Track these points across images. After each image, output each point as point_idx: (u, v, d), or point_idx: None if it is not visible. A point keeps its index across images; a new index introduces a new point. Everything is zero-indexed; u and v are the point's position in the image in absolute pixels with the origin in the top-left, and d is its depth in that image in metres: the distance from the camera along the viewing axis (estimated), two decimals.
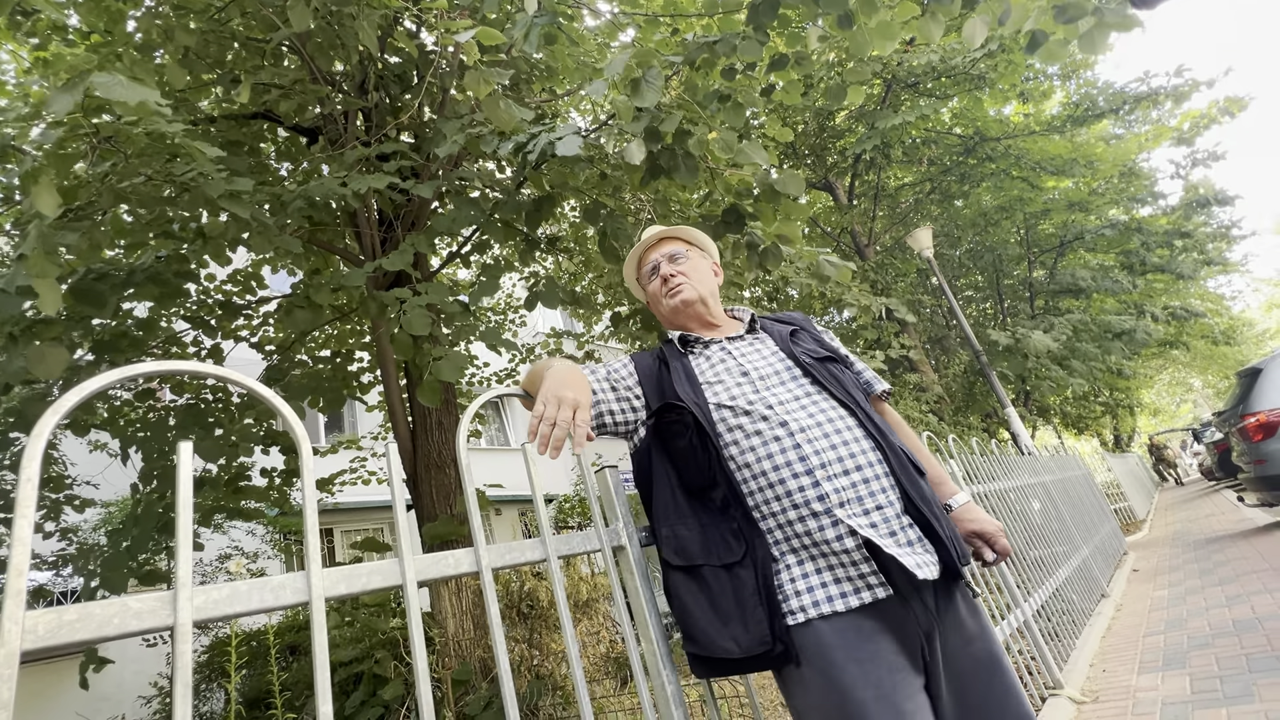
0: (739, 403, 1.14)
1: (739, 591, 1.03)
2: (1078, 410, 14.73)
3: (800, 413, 1.12)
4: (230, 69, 3.35)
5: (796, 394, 1.16)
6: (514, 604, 3.64)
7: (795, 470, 1.06)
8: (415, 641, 0.83)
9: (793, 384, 1.18)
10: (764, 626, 0.99)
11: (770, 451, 1.08)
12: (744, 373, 1.19)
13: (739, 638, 1.00)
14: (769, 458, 1.08)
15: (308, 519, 0.81)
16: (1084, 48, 2.24)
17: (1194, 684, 2.49)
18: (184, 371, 0.79)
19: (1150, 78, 9.57)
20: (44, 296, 1.82)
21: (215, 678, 5.21)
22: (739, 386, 1.17)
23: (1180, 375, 27.01)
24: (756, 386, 1.17)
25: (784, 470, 1.06)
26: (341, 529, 9.94)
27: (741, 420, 1.12)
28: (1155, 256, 11.09)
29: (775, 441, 1.09)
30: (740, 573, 1.04)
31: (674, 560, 1.09)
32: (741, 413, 1.13)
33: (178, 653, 0.66)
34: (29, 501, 0.63)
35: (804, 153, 10.12)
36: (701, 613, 1.04)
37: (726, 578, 1.04)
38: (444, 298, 2.79)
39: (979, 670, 1.04)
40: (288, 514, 4.60)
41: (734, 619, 1.01)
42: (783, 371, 1.20)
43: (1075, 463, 6.37)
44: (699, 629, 1.03)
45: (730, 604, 1.02)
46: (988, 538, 1.21)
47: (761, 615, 1.00)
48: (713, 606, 1.03)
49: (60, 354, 2.21)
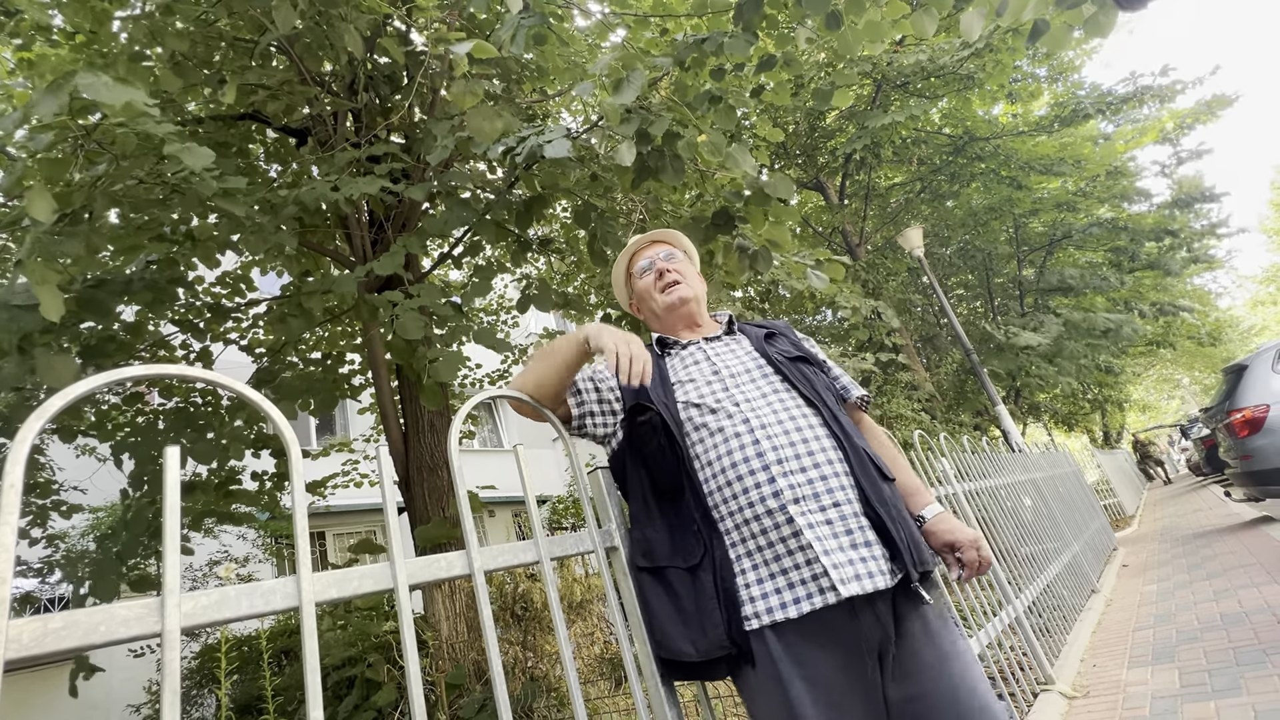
0: (707, 400, 1.15)
1: (699, 595, 1.02)
2: (1067, 407, 14.85)
3: (765, 409, 1.12)
4: (218, 69, 3.32)
5: (764, 390, 1.16)
6: (508, 606, 3.63)
7: (753, 466, 1.06)
8: (407, 645, 0.83)
9: (762, 382, 1.18)
10: (720, 631, 0.99)
11: (730, 448, 1.08)
12: (715, 371, 1.20)
13: (697, 641, 1.00)
14: (729, 454, 1.08)
15: (298, 523, 0.80)
16: (1090, 31, 2.23)
17: (1183, 678, 2.52)
18: (172, 375, 0.78)
19: (1137, 78, 9.68)
20: (46, 304, 1.80)
21: (206, 684, 5.16)
22: (708, 385, 1.18)
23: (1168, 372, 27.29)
24: (726, 384, 1.17)
25: (741, 466, 1.06)
26: (334, 532, 9.88)
27: (707, 418, 1.13)
28: (1145, 251, 11.19)
29: (736, 438, 1.09)
30: (701, 575, 1.04)
31: (640, 561, 1.09)
32: (708, 410, 1.14)
33: (166, 660, 0.65)
34: (12, 508, 0.62)
35: (795, 152, 10.15)
36: (665, 614, 1.04)
37: (689, 580, 1.04)
38: (436, 300, 2.78)
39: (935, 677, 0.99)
40: (278, 518, 4.57)
41: (693, 622, 1.01)
42: (754, 370, 1.21)
43: (1065, 459, 6.43)
44: (661, 630, 1.04)
45: (691, 606, 1.02)
46: (960, 548, 1.14)
47: (719, 619, 1.00)
48: (676, 608, 1.04)
49: (69, 362, 2.21)
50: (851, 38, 2.46)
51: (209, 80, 3.37)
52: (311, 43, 3.09)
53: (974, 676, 1.00)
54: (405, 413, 3.73)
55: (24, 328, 2.08)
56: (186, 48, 2.96)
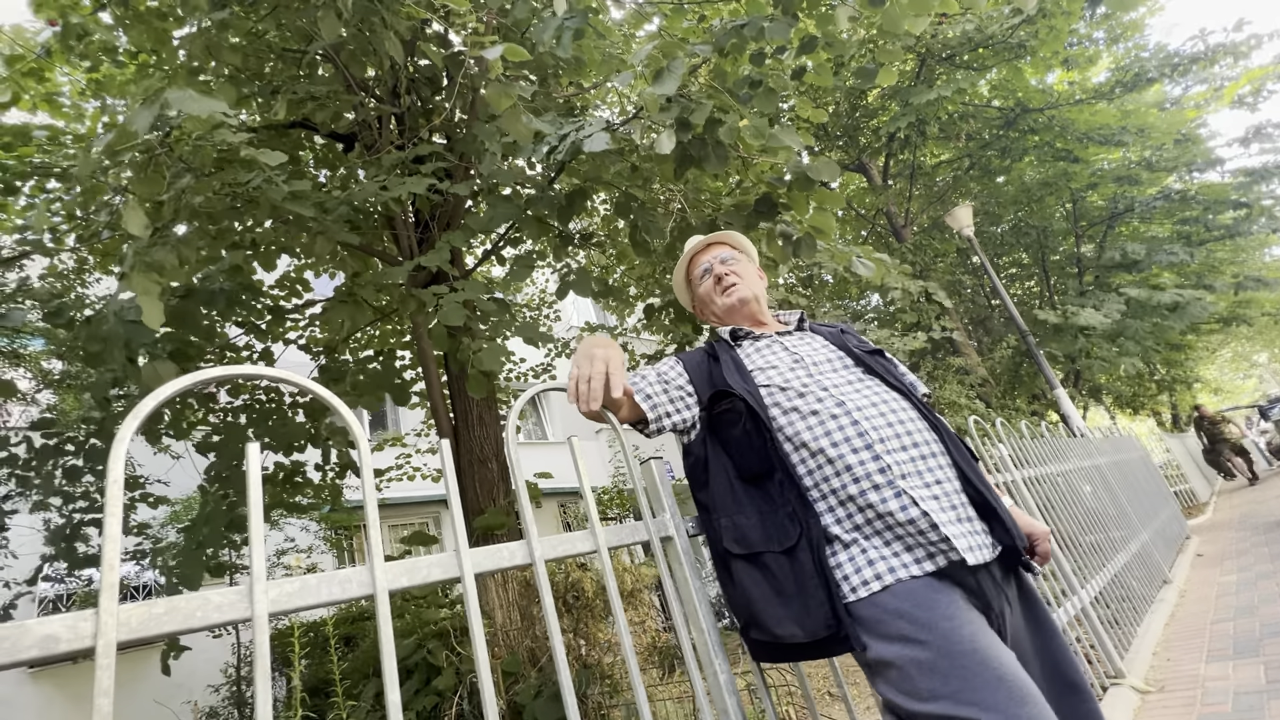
0: (794, 385, 1.16)
1: (799, 575, 1.02)
2: (1131, 389, 14.08)
3: (856, 394, 1.14)
4: (269, 80, 3.45)
5: (850, 379, 1.18)
6: (560, 594, 3.70)
7: (855, 445, 1.06)
8: (475, 632, 0.85)
9: (845, 371, 1.20)
10: (825, 609, 0.99)
11: (829, 429, 1.09)
12: (797, 359, 1.21)
13: (802, 621, 1.00)
14: (827, 435, 1.08)
15: (369, 514, 0.84)
16: None
17: (1269, 672, 2.38)
18: (251, 376, 0.82)
19: (1207, 35, 9.03)
20: (148, 313, 1.93)
21: (277, 666, 5.44)
22: (792, 371, 1.19)
23: (1244, 349, 25.58)
24: (810, 371, 1.18)
25: (843, 446, 1.06)
26: (388, 524, 10.24)
27: (796, 402, 1.14)
28: (1221, 221, 10.45)
29: (833, 419, 1.09)
30: (799, 556, 1.03)
31: (735, 549, 1.09)
32: (795, 395, 1.14)
33: (257, 643, 0.69)
34: (117, 501, 0.67)
35: (836, 134, 9.89)
36: (765, 599, 1.04)
37: (787, 562, 1.04)
38: (480, 294, 2.84)
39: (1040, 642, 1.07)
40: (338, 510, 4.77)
41: (795, 603, 1.01)
42: (834, 360, 1.22)
43: (1131, 444, 6.12)
44: (764, 615, 1.03)
45: (792, 589, 1.02)
46: (1036, 539, 1.19)
47: (822, 598, 1.00)
48: (776, 592, 1.03)
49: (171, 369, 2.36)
50: (897, 12, 2.38)
51: (261, 91, 3.51)
52: (355, 49, 3.18)
53: (1068, 648, 1.08)
54: (454, 407, 3.83)
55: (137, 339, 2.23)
56: (240, 61, 3.09)
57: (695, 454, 1.21)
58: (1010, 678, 0.87)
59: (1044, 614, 1.09)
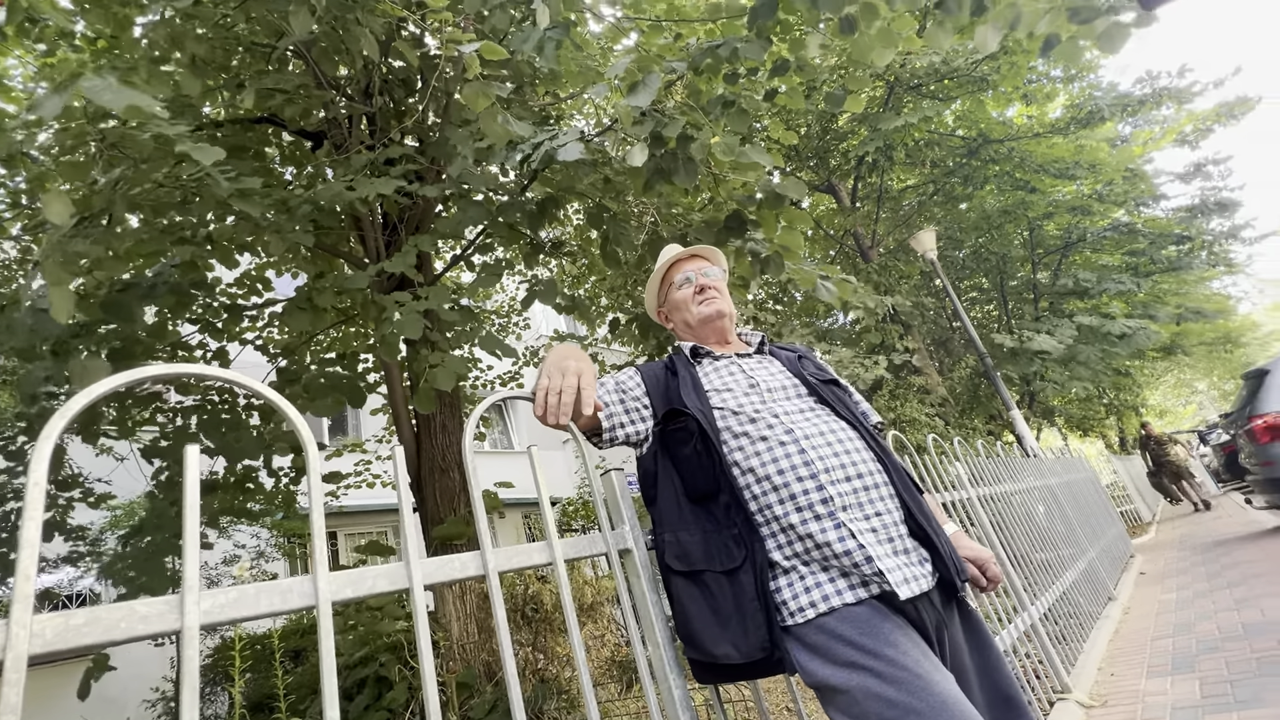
0: (746, 409, 1.17)
1: (739, 597, 1.03)
2: (1082, 412, 14.63)
3: (805, 423, 1.15)
4: (236, 74, 3.36)
5: (801, 408, 1.19)
6: (518, 607, 3.63)
7: (800, 474, 1.07)
8: (422, 645, 0.83)
9: (798, 399, 1.22)
10: (763, 632, 1.00)
11: (775, 456, 1.10)
12: (752, 384, 1.23)
13: (738, 643, 1.00)
14: (774, 461, 1.09)
15: (314, 523, 0.80)
16: (1104, 47, 2.24)
17: (1204, 688, 2.47)
18: (191, 375, 0.79)
19: (1154, 79, 9.55)
20: (56, 305, 1.83)
21: (219, 681, 5.21)
22: (746, 396, 1.20)
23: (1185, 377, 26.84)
24: (764, 397, 1.20)
25: (789, 474, 1.08)
26: (345, 532, 9.95)
27: (747, 427, 1.15)
28: (1164, 254, 11.02)
29: (780, 446, 1.10)
30: (741, 578, 1.04)
31: (676, 565, 1.09)
32: (747, 420, 1.15)
33: (184, 657, 0.66)
34: (37, 505, 0.63)
35: (807, 155, 10.11)
36: (702, 618, 1.04)
37: (728, 583, 1.04)
38: (445, 301, 2.79)
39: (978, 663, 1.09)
40: (291, 517, 4.61)
41: (733, 624, 1.01)
42: (789, 387, 1.24)
43: (1081, 465, 6.34)
44: (700, 635, 1.03)
45: (730, 609, 1.02)
46: (981, 564, 1.23)
47: (761, 620, 1.00)
48: (714, 612, 1.04)
49: (101, 365, 2.24)
50: (864, 44, 2.45)
51: (227, 84, 3.42)
52: (327, 47, 3.13)
53: (1006, 666, 1.11)
54: (417, 414, 3.75)
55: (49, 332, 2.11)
56: (205, 52, 3.00)
57: (646, 467, 1.21)
58: (953, 703, 0.90)
59: (984, 633, 1.13)
